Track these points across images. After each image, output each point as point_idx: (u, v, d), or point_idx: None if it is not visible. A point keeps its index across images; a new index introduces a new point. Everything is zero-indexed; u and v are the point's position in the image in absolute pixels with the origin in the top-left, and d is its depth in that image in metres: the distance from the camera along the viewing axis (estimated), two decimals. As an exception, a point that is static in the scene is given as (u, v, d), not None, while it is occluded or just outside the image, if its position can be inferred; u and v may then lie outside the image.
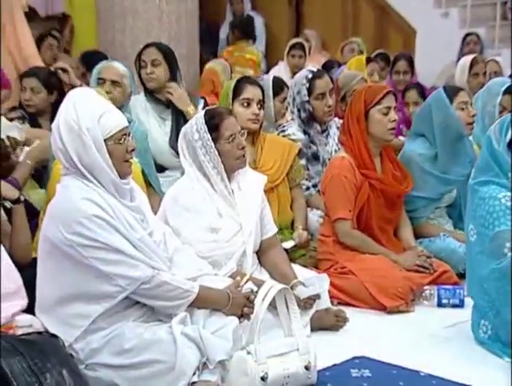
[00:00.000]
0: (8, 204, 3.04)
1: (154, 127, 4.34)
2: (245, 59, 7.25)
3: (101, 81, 4.13)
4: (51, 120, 4.08)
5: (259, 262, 3.32)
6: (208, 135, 3.17)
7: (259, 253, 3.33)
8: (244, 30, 7.60)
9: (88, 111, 2.64)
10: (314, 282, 3.20)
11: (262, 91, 3.92)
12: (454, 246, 3.96)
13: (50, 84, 4.35)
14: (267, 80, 4.55)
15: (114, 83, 4.12)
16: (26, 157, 3.57)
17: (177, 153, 3.42)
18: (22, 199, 3.07)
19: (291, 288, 3.12)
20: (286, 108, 4.72)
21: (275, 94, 4.44)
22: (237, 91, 3.86)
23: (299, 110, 4.39)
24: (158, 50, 4.42)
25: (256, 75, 6.41)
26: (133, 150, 2.73)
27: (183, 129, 3.30)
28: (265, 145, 3.95)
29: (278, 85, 4.54)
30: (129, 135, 2.71)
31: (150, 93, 4.39)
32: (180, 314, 2.68)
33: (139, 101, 4.41)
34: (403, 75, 6.02)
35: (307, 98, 4.35)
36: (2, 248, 2.74)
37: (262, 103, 3.87)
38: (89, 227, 2.58)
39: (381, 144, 3.85)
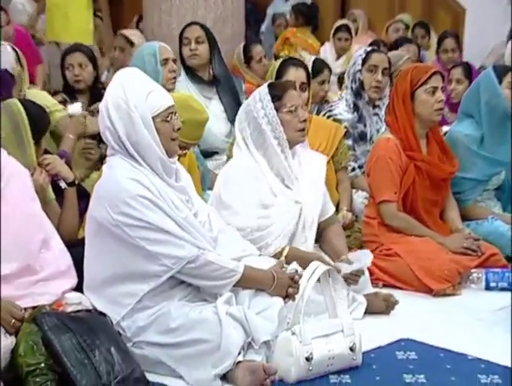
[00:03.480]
0: (63, 185, 3.11)
1: None
2: (307, 43, 7.24)
3: (164, 62, 4.15)
4: (91, 98, 4.16)
5: (317, 241, 3.30)
6: (272, 104, 3.16)
7: (317, 231, 3.29)
8: (308, 17, 7.61)
9: (136, 89, 2.67)
10: (358, 257, 3.18)
11: (308, 74, 3.89)
12: (502, 229, 3.89)
13: (93, 59, 4.34)
14: (308, 61, 4.52)
15: (174, 61, 4.17)
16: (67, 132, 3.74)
17: (229, 133, 3.42)
18: (76, 182, 3.15)
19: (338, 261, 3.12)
20: (327, 91, 4.69)
21: (314, 76, 4.41)
22: (279, 72, 3.85)
23: (351, 81, 4.37)
24: (201, 28, 4.43)
25: (315, 53, 6.38)
26: (179, 129, 2.75)
27: (244, 103, 3.30)
28: (311, 127, 3.93)
29: (318, 67, 4.51)
30: (175, 114, 2.73)
31: (192, 72, 4.39)
32: (225, 294, 2.69)
33: (181, 83, 4.42)
34: (451, 53, 5.92)
35: (359, 67, 4.34)
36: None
37: (306, 86, 3.83)
38: (135, 208, 2.61)
39: (427, 125, 3.80)
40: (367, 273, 3.27)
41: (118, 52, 5.31)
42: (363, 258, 3.19)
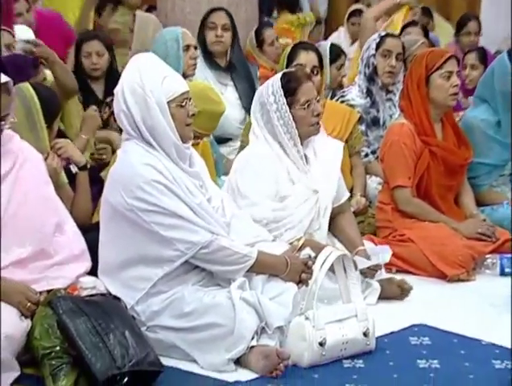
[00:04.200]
0: (74, 169, 3.11)
1: None
2: (285, 30, 7.17)
3: (185, 48, 4.15)
4: (106, 86, 4.15)
5: (328, 228, 3.29)
6: (284, 99, 3.13)
7: (330, 218, 3.29)
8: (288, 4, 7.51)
9: (151, 74, 2.67)
10: (377, 252, 3.18)
11: (320, 57, 3.86)
12: (518, 214, 3.88)
13: (110, 46, 4.30)
14: (325, 46, 4.50)
15: (195, 48, 4.16)
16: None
17: (244, 120, 3.42)
18: (88, 165, 3.15)
19: (355, 254, 3.11)
20: (343, 76, 4.66)
21: (332, 61, 4.39)
22: (290, 57, 3.83)
23: (365, 66, 4.35)
24: (227, 15, 4.41)
25: (293, 38, 6.29)
26: (193, 115, 2.75)
27: (258, 91, 3.27)
28: (325, 112, 3.91)
29: (335, 52, 4.49)
30: (190, 100, 2.73)
31: (210, 58, 4.38)
32: (239, 279, 2.70)
33: (198, 70, 4.40)
34: (474, 36, 5.84)
35: (373, 52, 4.31)
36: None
37: (318, 69, 3.80)
38: (150, 193, 2.62)
39: (442, 110, 3.78)
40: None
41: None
42: (381, 254, 3.19)
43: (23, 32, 4.16)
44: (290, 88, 3.14)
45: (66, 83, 3.94)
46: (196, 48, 4.31)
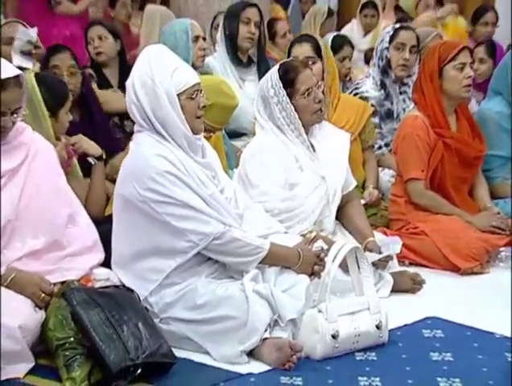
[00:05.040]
0: (92, 160, 3.12)
1: (235, 89, 4.31)
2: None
3: (194, 39, 4.15)
4: (120, 74, 4.16)
5: (336, 217, 3.29)
6: (284, 91, 3.15)
7: (338, 207, 3.29)
8: None
9: (161, 66, 2.67)
10: (387, 243, 3.18)
11: (317, 47, 3.80)
12: (532, 207, 3.86)
13: (114, 31, 4.31)
14: (328, 37, 4.47)
15: (204, 39, 4.15)
16: None
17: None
18: (104, 156, 3.15)
19: (365, 247, 3.11)
20: (348, 68, 4.62)
21: (334, 52, 4.34)
22: (289, 52, 3.85)
23: (378, 59, 4.33)
24: (259, 11, 4.39)
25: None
26: (204, 107, 2.75)
27: (259, 85, 3.29)
28: (338, 105, 3.91)
29: (338, 43, 4.45)
30: (201, 92, 2.73)
31: (234, 52, 4.36)
32: (252, 271, 2.70)
33: (217, 60, 4.39)
34: (491, 27, 5.79)
35: (386, 45, 4.29)
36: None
37: (313, 59, 3.73)
38: (162, 184, 2.62)
39: (455, 102, 3.76)
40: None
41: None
42: (391, 245, 3.18)
43: (26, 32, 4.12)
44: (288, 78, 3.15)
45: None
46: (204, 39, 4.30)
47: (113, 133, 3.96)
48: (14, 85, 2.56)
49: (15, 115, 2.59)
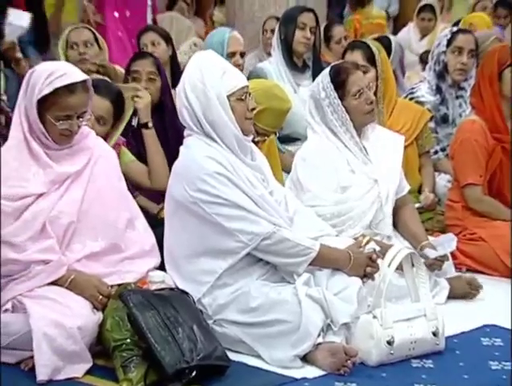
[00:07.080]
0: (134, 121, 3.25)
1: (290, 93, 4.32)
2: (372, 25, 7.11)
3: (230, 55, 4.17)
4: (172, 78, 4.19)
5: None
6: (335, 93, 3.16)
7: (392, 212, 3.27)
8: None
9: (211, 69, 2.72)
10: (442, 242, 3.13)
11: (368, 54, 3.78)
12: None
13: (167, 36, 4.35)
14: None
15: (242, 55, 4.16)
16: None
17: None
18: (150, 125, 3.26)
19: (420, 249, 3.07)
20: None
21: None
22: (343, 57, 3.86)
23: (435, 63, 4.28)
24: (315, 16, 4.40)
25: (383, 32, 6.28)
26: (253, 109, 2.77)
27: (310, 88, 3.29)
28: (395, 109, 3.88)
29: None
30: (250, 94, 2.76)
31: (289, 56, 4.36)
32: (304, 275, 2.69)
33: (273, 66, 4.40)
34: None
35: (444, 49, 4.25)
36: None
37: (365, 68, 3.70)
38: (212, 184, 2.65)
39: (515, 106, 3.69)
40: (450, 257, 3.21)
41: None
42: (446, 243, 3.14)
43: (18, 16, 4.03)
44: (339, 80, 3.16)
45: None
46: (242, 55, 4.28)
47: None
48: (82, 90, 2.61)
49: (81, 119, 2.64)
